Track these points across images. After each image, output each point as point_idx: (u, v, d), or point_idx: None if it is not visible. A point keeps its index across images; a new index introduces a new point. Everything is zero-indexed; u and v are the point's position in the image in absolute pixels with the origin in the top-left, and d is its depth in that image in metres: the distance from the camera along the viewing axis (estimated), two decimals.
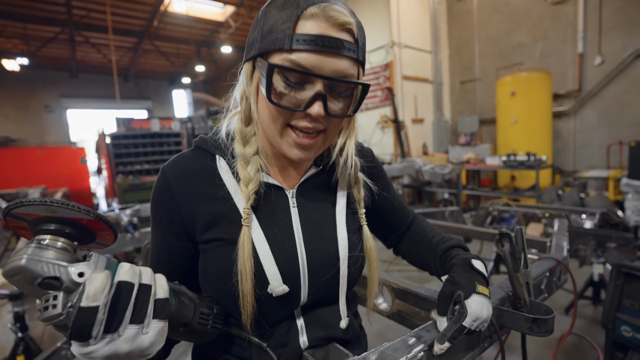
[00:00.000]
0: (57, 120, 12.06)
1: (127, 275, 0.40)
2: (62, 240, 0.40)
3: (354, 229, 0.64)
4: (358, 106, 0.55)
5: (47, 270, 0.37)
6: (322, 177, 0.64)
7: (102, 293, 0.37)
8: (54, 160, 6.71)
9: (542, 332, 0.65)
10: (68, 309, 0.37)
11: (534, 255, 1.24)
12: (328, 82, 0.50)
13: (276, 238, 0.56)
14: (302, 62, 0.47)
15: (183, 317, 0.49)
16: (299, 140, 0.52)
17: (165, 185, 0.57)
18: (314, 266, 0.58)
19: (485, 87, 7.11)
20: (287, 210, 0.59)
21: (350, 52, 0.49)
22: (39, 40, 9.58)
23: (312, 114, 0.50)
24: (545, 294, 0.94)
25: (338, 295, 0.61)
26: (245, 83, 0.56)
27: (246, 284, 0.52)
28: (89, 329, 0.36)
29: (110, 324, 0.38)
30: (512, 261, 0.72)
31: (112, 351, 0.38)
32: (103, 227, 0.43)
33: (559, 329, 2.33)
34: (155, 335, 0.41)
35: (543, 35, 6.22)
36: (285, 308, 0.58)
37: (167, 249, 0.59)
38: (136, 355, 0.40)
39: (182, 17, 8.93)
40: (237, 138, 0.58)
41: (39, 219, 0.40)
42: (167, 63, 12.29)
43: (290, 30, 0.47)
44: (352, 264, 0.61)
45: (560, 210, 2.15)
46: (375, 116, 7.02)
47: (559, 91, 6.04)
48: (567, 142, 6.16)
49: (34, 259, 0.37)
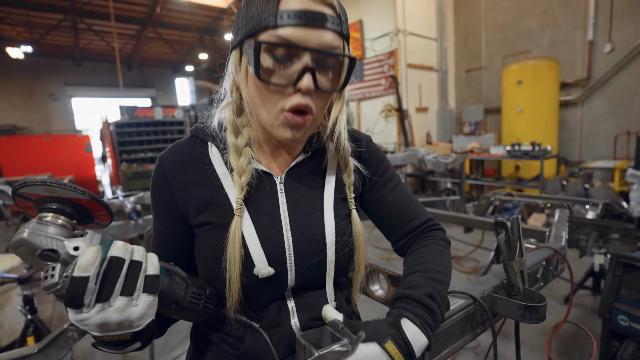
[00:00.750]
0: (62, 109, 12.10)
1: (119, 252, 0.43)
2: (63, 218, 0.45)
3: (343, 214, 0.64)
4: (346, 81, 0.55)
5: (45, 243, 0.41)
6: (311, 163, 0.65)
7: (93, 265, 0.40)
8: (60, 148, 6.77)
9: (534, 319, 0.67)
10: (63, 279, 0.40)
11: (532, 245, 1.25)
12: (315, 56, 0.50)
13: (263, 222, 0.58)
14: (288, 36, 0.48)
15: (174, 295, 0.51)
16: (293, 119, 0.52)
17: (161, 171, 0.59)
18: (300, 250, 0.59)
19: (491, 76, 6.99)
20: (275, 196, 0.60)
21: (334, 26, 0.50)
22: (43, 28, 9.53)
23: (302, 88, 0.50)
24: (541, 283, 0.95)
25: (325, 280, 0.62)
26: (234, 71, 0.56)
27: (234, 270, 0.53)
28: (81, 297, 0.39)
29: (102, 294, 0.41)
30: (506, 249, 0.73)
31: (103, 319, 0.41)
32: (99, 208, 0.47)
33: (557, 317, 2.35)
34: (145, 308, 0.44)
35: (552, 22, 6.07)
36: (272, 290, 0.59)
37: (166, 233, 0.61)
38: (126, 326, 0.43)
39: (185, 4, 8.82)
40: (229, 129, 0.59)
41: (42, 198, 0.44)
42: (170, 51, 12.21)
43: (275, 8, 0.48)
44: (340, 250, 0.61)
45: (563, 200, 2.14)
46: (379, 105, 6.95)
47: (567, 80, 5.93)
48: (574, 132, 6.08)
49: (35, 232, 0.41)
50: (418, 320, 0.50)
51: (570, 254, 3.06)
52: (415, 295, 0.53)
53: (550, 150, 4.96)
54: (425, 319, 0.51)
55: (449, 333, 0.64)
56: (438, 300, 0.54)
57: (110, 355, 2.20)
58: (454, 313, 0.64)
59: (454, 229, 4.32)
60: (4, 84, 11.00)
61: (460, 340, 0.67)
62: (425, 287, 0.54)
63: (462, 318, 0.66)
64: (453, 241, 4.01)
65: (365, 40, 7.01)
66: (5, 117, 10.95)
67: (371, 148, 0.72)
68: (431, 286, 0.55)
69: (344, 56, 0.53)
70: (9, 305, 1.98)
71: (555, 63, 5.50)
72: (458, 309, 0.65)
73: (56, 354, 1.13)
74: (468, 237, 3.92)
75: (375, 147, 0.73)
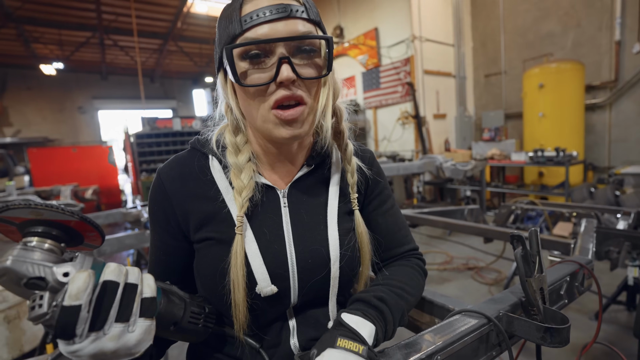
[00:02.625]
0: (89, 121, 12.69)
1: (113, 275, 0.41)
2: (49, 242, 0.41)
3: (347, 228, 0.62)
4: (330, 65, 0.53)
5: (32, 270, 0.37)
6: (314, 177, 0.63)
7: (85, 292, 0.37)
8: (86, 159, 7.06)
9: (556, 343, 0.61)
10: (53, 308, 0.37)
11: (556, 258, 1.17)
12: (289, 46, 0.49)
13: (265, 238, 0.56)
14: (254, 35, 0.48)
15: (173, 316, 0.49)
16: (283, 115, 0.51)
17: (160, 186, 0.58)
18: (303, 267, 0.57)
19: (511, 80, 6.80)
20: (278, 210, 0.59)
21: (299, 13, 0.50)
22: (72, 45, 10.09)
23: (282, 80, 0.48)
24: (565, 300, 0.88)
25: (328, 297, 0.60)
26: (223, 92, 0.57)
27: (238, 293, 0.52)
28: (73, 327, 0.36)
29: (95, 322, 0.38)
30: (524, 265, 0.68)
31: (98, 349, 0.38)
32: (89, 229, 0.43)
33: (587, 334, 2.20)
34: (142, 333, 0.41)
35: (576, 23, 5.86)
36: (275, 308, 0.57)
37: (164, 249, 0.60)
38: (123, 354, 0.40)
39: (204, 18, 9.12)
40: (229, 149, 0.58)
41: (27, 222, 0.40)
42: (190, 63, 12.62)
43: (238, 16, 0.49)
44: (345, 265, 0.59)
45: (590, 209, 2.02)
46: (396, 112, 6.88)
47: (593, 82, 5.68)
48: (602, 136, 5.79)
49: (20, 260, 0.37)
50: (358, 312, 0.52)
51: (600, 266, 2.88)
52: (363, 297, 0.55)
53: (576, 155, 4.74)
54: (368, 312, 0.53)
55: (461, 355, 0.59)
56: (390, 303, 0.55)
57: None
58: (465, 334, 0.59)
59: (473, 239, 4.18)
60: (38, 99, 11.67)
61: None
62: (377, 293, 0.56)
63: (476, 339, 0.61)
64: (472, 251, 3.91)
65: (381, 47, 7.00)
66: (38, 130, 11.58)
67: (374, 164, 0.70)
68: (386, 293, 0.56)
69: (316, 38, 0.51)
70: None
71: (579, 65, 5.29)
72: (470, 329, 0.60)
73: None
74: (489, 247, 3.78)
75: (378, 164, 0.71)
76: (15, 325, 1.82)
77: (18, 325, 1.83)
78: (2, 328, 1.77)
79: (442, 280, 3.30)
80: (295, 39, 0.49)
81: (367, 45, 7.20)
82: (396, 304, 0.56)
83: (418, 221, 2.11)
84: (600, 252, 1.81)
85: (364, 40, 7.25)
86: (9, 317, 1.79)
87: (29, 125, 11.54)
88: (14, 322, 1.81)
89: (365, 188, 0.67)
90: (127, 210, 2.43)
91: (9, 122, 11.30)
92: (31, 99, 11.57)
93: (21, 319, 1.85)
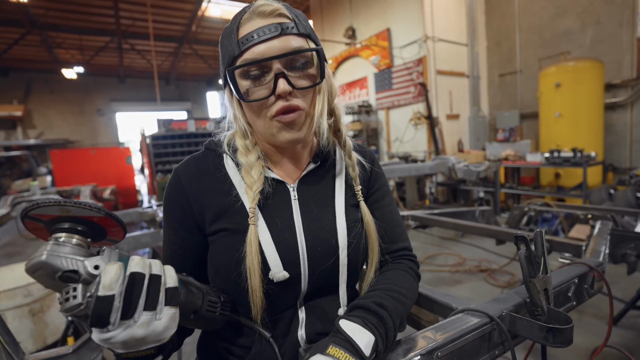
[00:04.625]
0: (107, 123, 13.07)
1: (139, 267, 0.44)
2: (77, 237, 0.43)
3: (355, 218, 0.66)
4: (322, 73, 0.59)
5: (66, 264, 0.40)
6: (321, 172, 0.68)
7: (117, 282, 0.40)
8: (104, 160, 7.28)
9: (558, 343, 0.62)
10: (87, 299, 0.40)
11: (566, 260, 1.16)
12: (284, 61, 0.55)
13: (277, 227, 0.60)
14: (251, 55, 0.54)
15: (192, 305, 0.52)
16: (283, 118, 0.56)
17: (177, 182, 0.62)
18: (313, 254, 0.60)
19: (527, 80, 6.65)
20: (289, 203, 0.63)
21: (290, 30, 0.55)
22: (92, 50, 10.43)
23: (280, 93, 0.54)
24: (574, 302, 0.88)
25: (338, 284, 0.63)
26: (230, 105, 0.63)
27: (254, 279, 0.55)
28: (107, 316, 0.40)
29: (126, 311, 0.41)
30: (527, 266, 0.68)
31: (129, 336, 0.41)
32: (113, 224, 0.46)
33: (602, 339, 2.14)
34: (168, 320, 0.45)
35: (595, 20, 5.70)
36: (287, 295, 0.60)
37: (180, 244, 0.63)
38: (151, 340, 0.44)
39: (218, 21, 9.28)
40: (240, 150, 0.63)
41: (54, 218, 0.43)
42: (204, 65, 12.85)
43: (235, 39, 0.55)
44: (352, 253, 0.62)
45: (606, 211, 1.97)
46: (408, 113, 6.84)
47: (613, 81, 5.51)
48: (623, 136, 5.60)
49: (54, 254, 0.40)
50: (358, 320, 0.52)
51: (618, 270, 2.78)
52: (362, 303, 0.56)
53: (594, 156, 4.60)
54: (369, 319, 0.53)
55: (462, 353, 0.60)
56: (389, 309, 0.56)
57: None
58: (467, 332, 0.61)
59: (486, 241, 4.11)
60: (60, 102, 12.11)
61: None
62: (376, 298, 0.57)
63: (478, 338, 0.63)
64: (485, 253, 3.85)
65: (394, 48, 6.97)
66: (59, 132, 12.01)
67: (374, 161, 0.75)
68: (385, 299, 0.57)
69: (307, 51, 0.56)
70: (54, 306, 2.13)
71: (598, 63, 5.14)
72: (472, 327, 0.62)
73: (88, 355, 1.20)
74: (502, 249, 3.72)
75: (378, 162, 0.76)
76: (39, 319, 1.91)
77: (42, 318, 1.92)
78: (26, 321, 1.86)
79: (453, 282, 3.27)
80: (288, 54, 0.54)
81: (379, 46, 7.18)
82: (395, 309, 0.57)
83: (428, 222, 2.10)
84: (617, 255, 1.76)
85: (376, 41, 7.24)
86: (34, 311, 1.88)
87: (51, 128, 11.98)
88: (37, 315, 1.90)
89: (367, 181, 0.72)
90: (143, 209, 2.50)
91: (33, 124, 11.76)
92: (53, 102, 12.01)
93: (44, 313, 1.94)
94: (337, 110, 0.69)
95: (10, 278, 2.20)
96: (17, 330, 1.82)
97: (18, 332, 1.85)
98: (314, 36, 0.59)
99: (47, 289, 0.43)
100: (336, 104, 0.68)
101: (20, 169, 10.35)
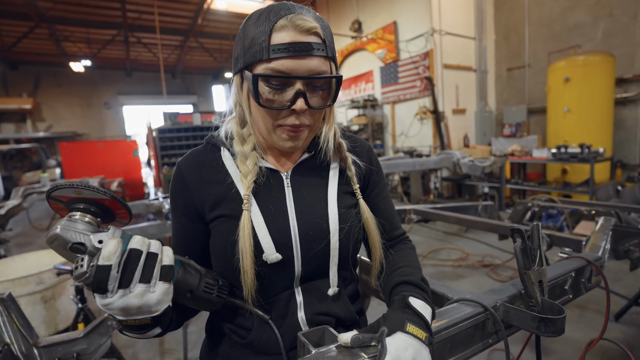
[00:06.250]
0: (114, 116, 13.20)
1: (137, 244, 0.49)
2: (89, 216, 0.50)
3: (347, 205, 0.68)
4: (335, 96, 0.62)
5: (75, 237, 0.47)
6: (315, 161, 0.70)
7: (115, 254, 0.46)
8: (111, 153, 7.37)
9: (550, 333, 0.63)
10: (90, 268, 0.46)
11: (565, 254, 1.17)
12: (305, 80, 0.57)
13: (270, 213, 0.63)
14: (279, 67, 0.55)
15: (188, 284, 0.57)
16: (289, 132, 0.60)
17: (179, 175, 0.67)
18: (305, 238, 0.64)
19: (535, 74, 6.56)
20: (282, 190, 0.66)
21: (319, 52, 0.57)
22: (99, 43, 10.50)
23: (296, 109, 0.57)
24: (570, 295, 0.89)
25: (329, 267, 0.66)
26: (237, 93, 0.64)
27: (246, 260, 0.58)
28: (105, 283, 0.45)
29: (122, 281, 0.47)
30: (523, 258, 0.70)
31: (125, 304, 0.47)
32: (119, 207, 0.52)
33: (606, 336, 2.14)
34: (161, 294, 0.50)
35: (607, 13, 5.57)
36: (281, 277, 0.64)
37: (184, 231, 0.68)
38: (146, 310, 0.49)
39: (224, 14, 9.26)
40: (236, 139, 0.66)
41: (71, 200, 0.50)
42: (210, 59, 12.86)
43: (267, 43, 0.55)
44: (344, 237, 0.66)
45: (611, 207, 1.97)
46: (414, 107, 6.80)
47: (624, 75, 5.40)
48: (633, 132, 5.52)
49: (66, 228, 0.47)
50: (419, 296, 0.59)
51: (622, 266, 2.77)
52: (412, 280, 0.63)
53: (602, 152, 4.55)
54: (424, 295, 0.61)
55: (455, 340, 0.62)
56: (426, 282, 0.66)
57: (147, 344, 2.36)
58: (460, 320, 0.63)
59: (490, 236, 4.11)
60: (68, 95, 12.24)
61: (469, 350, 0.65)
62: (416, 275, 0.65)
63: (471, 327, 0.65)
64: (489, 248, 3.86)
65: (400, 42, 6.91)
66: (68, 124, 12.17)
67: (372, 154, 0.77)
68: (419, 274, 0.66)
69: (331, 77, 0.59)
70: (65, 294, 2.20)
71: (609, 58, 5.04)
72: (466, 316, 0.64)
73: (98, 340, 1.25)
74: (506, 244, 3.72)
75: (374, 155, 0.78)
76: (51, 305, 1.97)
77: (53, 305, 1.98)
78: (39, 307, 1.92)
79: (456, 277, 3.28)
80: (314, 78, 0.57)
81: (386, 39, 7.12)
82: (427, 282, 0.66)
83: (431, 216, 2.12)
84: (620, 252, 1.76)
85: (383, 35, 7.18)
86: (46, 298, 1.94)
87: (59, 121, 12.14)
88: (49, 302, 1.96)
89: (363, 177, 0.74)
90: (149, 201, 2.55)
91: (42, 117, 11.92)
92: (62, 95, 12.15)
93: (56, 300, 2.00)
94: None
95: (23, 266, 2.27)
96: (30, 316, 1.88)
97: (31, 318, 1.91)
98: (336, 59, 0.62)
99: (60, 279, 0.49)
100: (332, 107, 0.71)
101: (30, 161, 10.53)
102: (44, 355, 1.06)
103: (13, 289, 1.84)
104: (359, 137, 0.78)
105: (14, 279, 1.88)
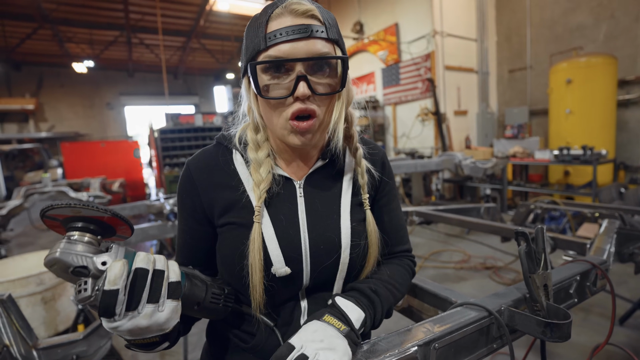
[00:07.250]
0: (116, 117, 13.22)
1: (143, 263, 0.47)
2: (88, 235, 0.47)
3: (359, 218, 0.66)
4: (344, 81, 0.58)
5: (76, 260, 0.44)
6: (329, 170, 0.68)
7: (121, 278, 0.44)
8: (113, 153, 7.38)
9: (556, 338, 0.62)
10: (95, 292, 0.44)
11: (570, 258, 1.16)
12: (306, 64, 0.54)
13: (281, 224, 0.61)
14: (276, 53, 0.54)
15: (196, 297, 0.55)
16: (299, 126, 0.56)
17: (188, 176, 0.64)
18: (315, 252, 0.61)
19: (537, 76, 6.54)
20: (294, 199, 0.64)
21: (319, 33, 0.54)
22: (102, 44, 10.53)
23: (298, 95, 0.54)
24: (575, 299, 0.88)
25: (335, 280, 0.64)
26: (246, 96, 0.63)
27: (255, 275, 0.57)
28: (113, 308, 0.43)
29: (131, 303, 0.45)
30: (527, 261, 0.69)
31: (134, 325, 0.45)
32: (120, 223, 0.49)
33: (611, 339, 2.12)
34: (170, 312, 0.48)
35: (609, 15, 5.56)
36: (289, 289, 0.62)
37: (191, 233, 0.66)
38: (155, 330, 0.47)
39: (226, 15, 9.28)
40: (250, 145, 0.64)
41: (68, 218, 0.47)
42: (212, 60, 12.88)
43: (263, 32, 0.54)
44: (354, 252, 0.63)
45: (614, 209, 1.95)
46: (415, 109, 6.79)
47: (627, 77, 5.39)
48: (636, 134, 5.49)
49: (66, 252, 0.44)
50: (352, 298, 0.59)
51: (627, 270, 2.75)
52: (358, 287, 0.63)
53: (605, 154, 4.52)
54: (361, 300, 0.60)
55: (459, 345, 0.61)
56: (382, 296, 0.62)
57: None
58: (465, 325, 0.62)
59: (492, 238, 4.09)
60: (70, 95, 12.27)
61: (474, 355, 0.64)
62: (371, 285, 0.63)
63: (475, 331, 0.64)
64: (491, 250, 3.83)
65: (402, 43, 6.90)
66: (70, 125, 12.19)
67: (385, 164, 0.74)
68: (379, 287, 0.63)
69: (332, 58, 0.56)
70: (65, 295, 2.19)
71: (611, 59, 5.03)
72: (470, 321, 0.63)
73: (98, 342, 1.24)
74: (508, 246, 3.70)
75: (389, 164, 0.75)
76: (51, 307, 1.96)
77: (53, 306, 1.98)
78: (39, 308, 1.92)
79: (458, 279, 3.26)
80: (312, 59, 0.54)
81: (387, 41, 7.12)
82: (387, 298, 0.63)
83: (433, 218, 2.10)
84: (624, 255, 1.75)
85: (384, 36, 7.17)
86: (46, 299, 1.94)
87: (62, 121, 12.17)
88: (49, 303, 1.95)
89: (375, 188, 0.71)
90: (151, 202, 2.55)
91: (45, 117, 11.95)
92: (64, 96, 12.18)
93: (56, 301, 2.00)
94: (351, 116, 0.68)
95: (24, 267, 2.27)
96: (29, 317, 1.88)
97: (31, 319, 1.90)
98: (341, 42, 0.59)
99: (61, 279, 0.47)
100: (351, 110, 0.68)
101: (32, 162, 10.55)
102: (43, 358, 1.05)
103: (13, 289, 1.83)
104: (376, 144, 0.75)
105: (14, 280, 1.87)
